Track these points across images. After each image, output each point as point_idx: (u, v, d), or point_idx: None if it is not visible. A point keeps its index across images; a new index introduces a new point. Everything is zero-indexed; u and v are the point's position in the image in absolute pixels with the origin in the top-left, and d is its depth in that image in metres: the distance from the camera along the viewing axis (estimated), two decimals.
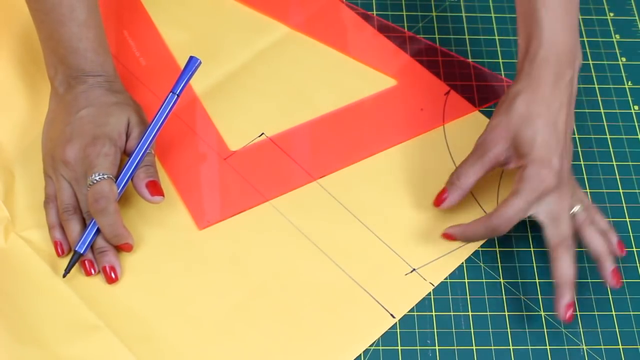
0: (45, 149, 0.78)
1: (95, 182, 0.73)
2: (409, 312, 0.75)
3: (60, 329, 0.72)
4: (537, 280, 0.77)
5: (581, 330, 0.74)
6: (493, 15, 0.94)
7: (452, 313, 0.75)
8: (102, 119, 0.76)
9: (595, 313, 0.75)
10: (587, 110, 0.87)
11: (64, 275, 0.74)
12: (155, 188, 0.76)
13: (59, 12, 0.77)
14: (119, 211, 0.74)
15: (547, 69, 0.74)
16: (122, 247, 0.75)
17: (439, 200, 0.77)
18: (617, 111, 0.87)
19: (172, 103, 0.78)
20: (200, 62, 0.79)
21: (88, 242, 0.74)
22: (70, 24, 0.77)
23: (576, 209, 0.74)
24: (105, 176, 0.73)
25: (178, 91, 0.78)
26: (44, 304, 0.73)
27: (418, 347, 0.73)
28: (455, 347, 0.73)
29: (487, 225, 0.74)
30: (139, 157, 0.76)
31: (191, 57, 0.79)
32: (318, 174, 0.82)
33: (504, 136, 0.74)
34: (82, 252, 0.74)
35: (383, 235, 0.78)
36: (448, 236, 0.77)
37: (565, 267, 0.72)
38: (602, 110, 0.87)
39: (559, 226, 0.73)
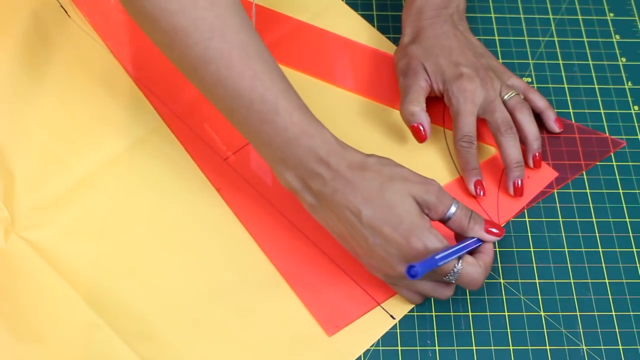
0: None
1: (455, 271, 0.70)
2: (409, 312, 0.75)
3: (60, 328, 0.72)
4: (537, 280, 0.77)
5: (581, 330, 0.74)
6: (493, 15, 0.94)
7: (452, 313, 0.75)
8: (390, 218, 0.69)
9: (595, 313, 0.75)
10: (587, 111, 0.87)
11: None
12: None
13: (257, 110, 0.68)
14: None
15: (423, 18, 0.85)
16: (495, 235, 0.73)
17: (422, 136, 0.81)
18: (617, 111, 0.87)
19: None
20: None
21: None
22: (271, 118, 0.68)
23: (507, 95, 0.81)
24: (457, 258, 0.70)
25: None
26: (44, 303, 0.73)
27: (418, 348, 0.73)
28: (455, 347, 0.73)
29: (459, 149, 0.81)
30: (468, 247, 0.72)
31: None
32: None
33: (420, 68, 0.82)
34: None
35: None
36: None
37: (510, 147, 0.79)
38: (602, 110, 0.87)
39: (494, 114, 0.80)
